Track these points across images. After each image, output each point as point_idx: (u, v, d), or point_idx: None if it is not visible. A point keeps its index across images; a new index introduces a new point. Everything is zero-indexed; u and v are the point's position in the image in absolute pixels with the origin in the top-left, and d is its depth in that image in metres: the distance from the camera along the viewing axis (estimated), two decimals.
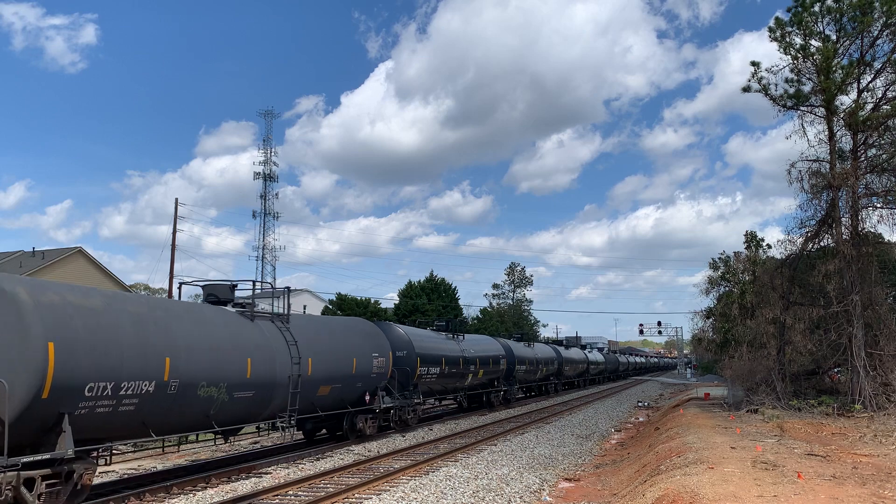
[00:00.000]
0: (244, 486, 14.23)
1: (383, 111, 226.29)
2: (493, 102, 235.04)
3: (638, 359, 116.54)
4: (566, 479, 16.17)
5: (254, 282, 17.80)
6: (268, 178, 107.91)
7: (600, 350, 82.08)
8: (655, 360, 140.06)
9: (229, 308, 16.58)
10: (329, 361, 18.68)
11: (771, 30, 25.79)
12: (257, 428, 19.52)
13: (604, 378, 73.95)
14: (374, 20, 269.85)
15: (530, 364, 41.49)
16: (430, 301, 59.88)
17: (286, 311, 17.99)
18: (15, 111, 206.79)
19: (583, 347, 68.29)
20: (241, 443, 22.11)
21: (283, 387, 16.36)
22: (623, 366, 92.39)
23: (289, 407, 16.72)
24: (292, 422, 17.06)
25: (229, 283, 17.49)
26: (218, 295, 17.12)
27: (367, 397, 21.10)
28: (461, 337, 31.42)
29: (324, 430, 21.70)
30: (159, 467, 16.99)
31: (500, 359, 35.48)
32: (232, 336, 15.12)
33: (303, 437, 21.57)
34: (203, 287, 17.61)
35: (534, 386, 46.13)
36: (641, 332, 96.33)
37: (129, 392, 11.83)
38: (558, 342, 59.13)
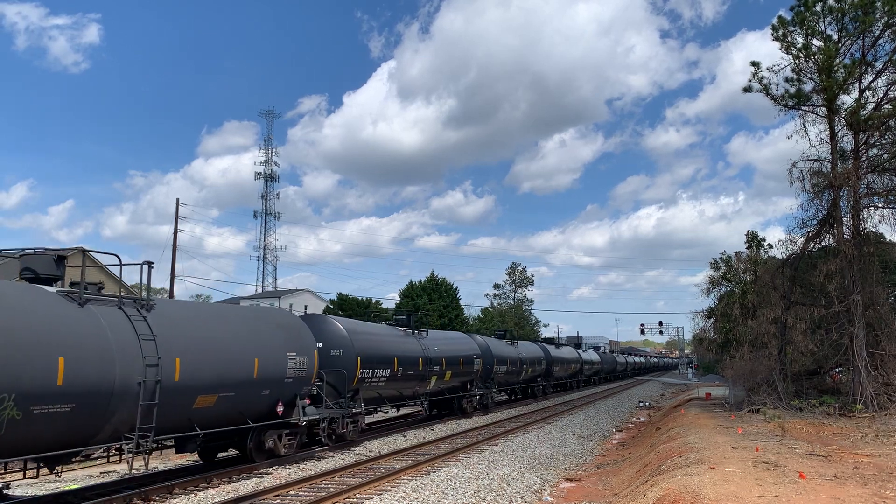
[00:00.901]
0: (245, 486, 14.24)
1: (385, 111, 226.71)
2: (496, 102, 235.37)
3: (637, 358, 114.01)
4: (567, 478, 16.16)
5: (148, 263, 13.80)
6: (269, 178, 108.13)
7: (597, 349, 79.28)
8: (655, 359, 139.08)
9: (49, 288, 12.20)
10: (213, 363, 14.29)
11: (774, 28, 25.81)
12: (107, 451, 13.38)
13: (600, 379, 70.72)
14: (376, 20, 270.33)
15: (512, 364, 37.28)
16: (431, 301, 59.89)
17: (147, 295, 13.67)
18: (17, 111, 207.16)
19: (577, 346, 65.37)
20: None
21: (130, 397, 12.22)
22: (621, 366, 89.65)
23: (138, 424, 12.39)
24: (149, 444, 12.67)
25: (55, 252, 12.96)
26: (37, 270, 12.52)
27: (281, 408, 16.57)
28: (424, 333, 27.30)
29: (233, 450, 17.19)
30: (161, 467, 17.00)
31: (473, 358, 30.88)
32: (36, 327, 10.93)
33: (198, 458, 17.51)
34: (20, 258, 12.83)
35: (518, 389, 42.09)
36: (643, 332, 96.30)
37: None
38: (549, 340, 54.91)
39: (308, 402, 17.94)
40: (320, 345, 19.36)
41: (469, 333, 35.18)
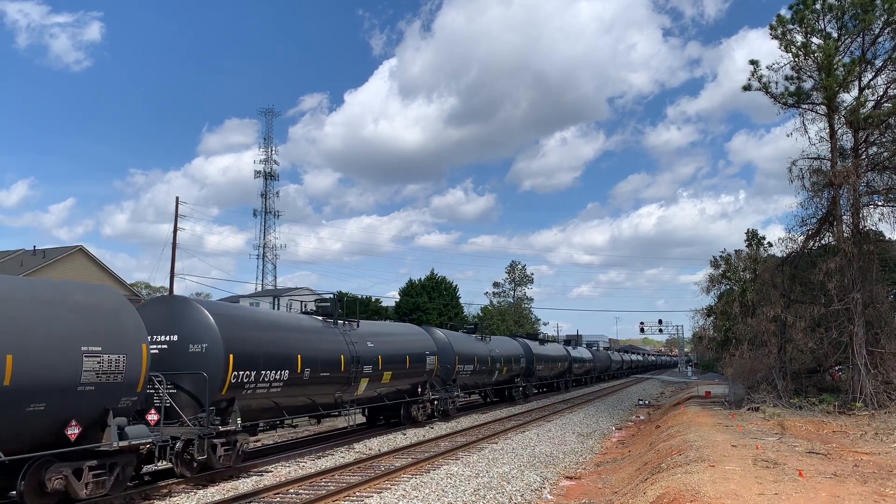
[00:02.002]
0: (245, 485, 14.25)
1: (387, 109, 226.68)
2: (497, 100, 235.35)
3: (635, 357, 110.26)
4: (567, 477, 16.17)
5: None
6: (268, 176, 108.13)
7: (590, 347, 74.78)
8: (653, 358, 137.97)
9: None
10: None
11: (772, 27, 25.80)
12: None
13: (592, 378, 65.37)
14: (378, 17, 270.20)
15: (481, 363, 32.34)
16: (430, 300, 59.92)
17: None
18: (18, 110, 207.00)
19: (566, 343, 61.06)
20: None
21: None
22: (616, 364, 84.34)
23: None
24: None
25: None
26: None
27: (74, 430, 11.49)
28: (354, 325, 21.92)
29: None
30: (160, 466, 16.99)
31: (425, 356, 26.08)
32: None
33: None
34: None
35: (490, 391, 36.88)
36: (642, 330, 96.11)
37: None
38: (532, 336, 49.53)
39: (137, 419, 12.97)
40: (175, 337, 15.05)
41: (427, 327, 30.35)
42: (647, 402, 42.81)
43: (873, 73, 25.33)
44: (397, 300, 62.36)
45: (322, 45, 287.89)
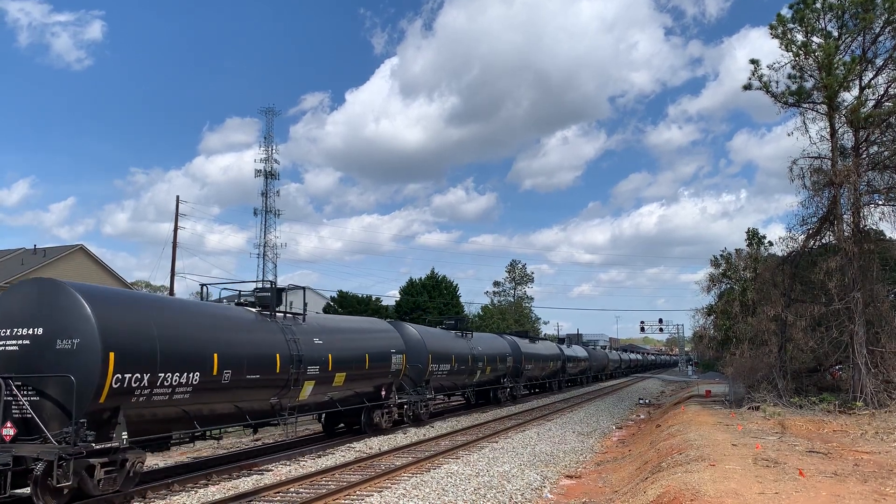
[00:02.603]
0: (246, 484, 14.25)
1: (388, 108, 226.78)
2: (498, 99, 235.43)
3: (634, 356, 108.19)
4: (567, 476, 16.17)
5: None
6: (269, 175, 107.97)
7: (586, 345, 71.74)
8: (653, 357, 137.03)
9: None
10: None
11: (772, 27, 25.78)
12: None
13: (588, 378, 61.98)
14: (379, 16, 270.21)
15: (460, 362, 29.25)
16: (431, 298, 59.91)
17: None
18: (19, 109, 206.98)
19: (560, 341, 57.92)
20: (243, 440, 22.11)
21: None
22: (614, 363, 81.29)
23: None
24: None
25: None
26: None
27: None
28: (295, 318, 18.68)
29: None
30: (161, 465, 17.01)
31: (390, 355, 22.74)
32: None
33: None
34: None
35: (471, 393, 33.77)
36: (642, 329, 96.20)
37: None
38: (522, 334, 45.72)
39: None
40: (39, 331, 12.16)
41: (396, 322, 27.09)
42: (647, 401, 42.83)
43: (874, 73, 25.31)
44: (398, 299, 62.38)
45: (323, 44, 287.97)
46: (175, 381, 13.46)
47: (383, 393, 22.40)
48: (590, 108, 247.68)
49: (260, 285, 18.62)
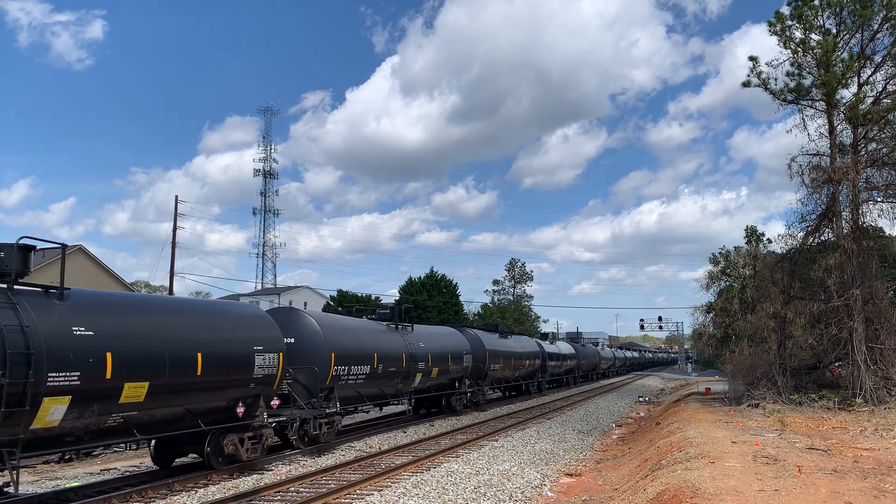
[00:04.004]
0: (246, 483, 14.25)
1: (389, 107, 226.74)
2: (498, 98, 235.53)
3: (630, 353, 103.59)
4: (567, 474, 16.19)
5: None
6: (268, 174, 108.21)
7: (575, 341, 65.46)
8: (650, 355, 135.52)
9: None
10: None
11: (771, 24, 25.78)
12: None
13: (576, 378, 55.35)
14: (380, 14, 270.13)
15: (388, 363, 22.97)
16: (430, 297, 59.91)
17: None
18: (19, 108, 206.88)
19: (544, 336, 52.90)
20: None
21: None
22: (607, 361, 75.05)
23: None
24: None
25: None
26: None
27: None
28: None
29: None
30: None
31: (249, 356, 15.64)
32: None
33: None
34: None
35: (431, 397, 27.80)
36: (642, 327, 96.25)
37: None
38: (490, 328, 38.47)
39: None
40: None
41: (302, 311, 21.12)
42: (647, 398, 42.90)
43: (872, 69, 25.32)
44: (397, 298, 62.40)
45: (324, 43, 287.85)
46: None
47: (239, 411, 15.46)
48: (590, 105, 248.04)
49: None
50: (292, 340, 18.25)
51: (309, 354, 18.81)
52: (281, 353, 16.42)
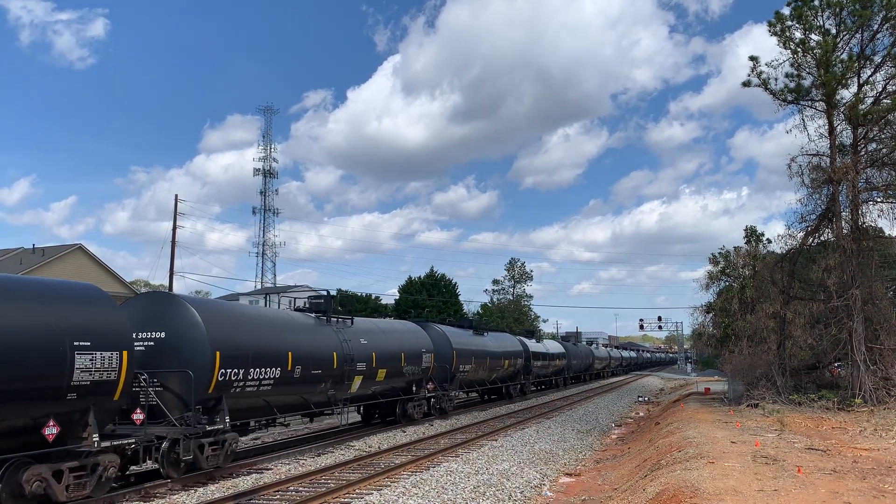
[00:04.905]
0: (245, 482, 14.25)
1: (390, 106, 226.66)
2: (500, 97, 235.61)
3: (627, 353, 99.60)
4: (567, 473, 16.19)
5: None
6: (267, 174, 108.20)
7: (567, 340, 61.64)
8: (648, 355, 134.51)
9: None
10: None
11: (771, 24, 25.78)
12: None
13: (566, 380, 51.87)
14: (382, 13, 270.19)
15: (324, 362, 18.89)
16: (430, 297, 59.91)
17: None
18: (21, 107, 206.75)
19: (530, 333, 48.36)
20: (242, 439, 21.98)
21: None
22: (602, 361, 70.43)
23: None
24: None
25: None
26: None
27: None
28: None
29: None
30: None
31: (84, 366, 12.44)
32: None
33: None
34: None
35: (384, 404, 23.87)
36: (642, 327, 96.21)
37: None
38: (464, 323, 34.22)
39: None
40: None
41: (179, 296, 16.45)
42: (646, 398, 42.91)
43: (872, 70, 25.32)
44: (397, 298, 62.40)
45: (326, 42, 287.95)
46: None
47: (49, 434, 11.96)
48: (592, 105, 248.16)
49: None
50: (163, 335, 14.60)
51: (184, 354, 14.52)
52: (126, 352, 12.18)
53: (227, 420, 14.87)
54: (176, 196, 43.17)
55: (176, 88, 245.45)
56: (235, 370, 15.25)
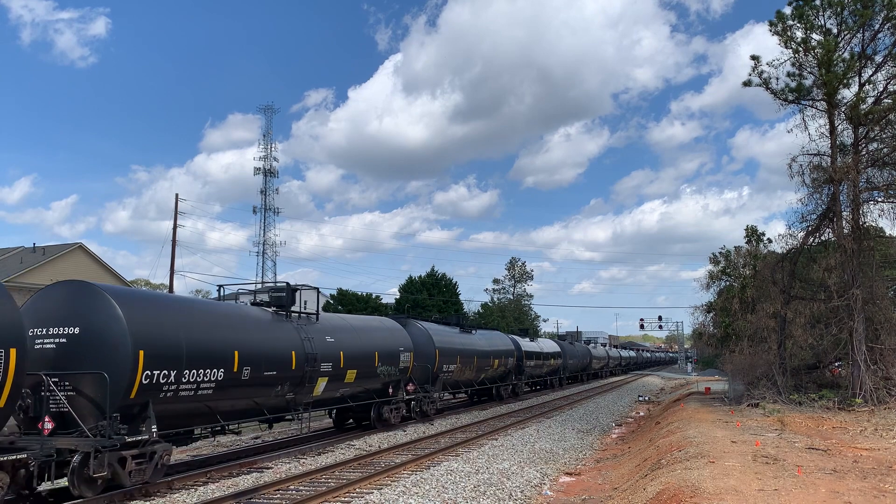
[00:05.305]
0: (245, 481, 14.25)
1: (391, 105, 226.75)
2: (501, 96, 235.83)
3: (626, 353, 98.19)
4: (567, 473, 16.19)
5: None
6: (268, 173, 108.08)
7: (564, 339, 60.09)
8: (648, 354, 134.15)
9: None
10: None
11: (772, 24, 25.75)
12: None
13: (562, 380, 50.10)
14: (383, 12, 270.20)
15: (264, 363, 16.79)
16: (430, 296, 59.91)
17: None
18: (21, 106, 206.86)
19: (524, 332, 46.53)
20: (243, 438, 22.10)
21: None
22: (600, 361, 68.36)
23: None
24: None
25: None
26: None
27: None
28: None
29: None
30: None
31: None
32: None
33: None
34: None
35: (357, 407, 22.02)
36: (642, 326, 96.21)
37: None
38: (450, 321, 32.26)
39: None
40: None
41: (97, 285, 13.54)
42: (647, 398, 42.90)
43: (873, 69, 25.29)
44: (398, 297, 62.41)
45: (327, 41, 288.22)
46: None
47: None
48: (593, 104, 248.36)
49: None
50: (76, 331, 12.68)
51: (101, 353, 12.51)
52: (14, 350, 10.40)
53: (155, 429, 12.83)
54: (177, 195, 43.21)
55: (177, 87, 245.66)
56: (165, 371, 13.15)
